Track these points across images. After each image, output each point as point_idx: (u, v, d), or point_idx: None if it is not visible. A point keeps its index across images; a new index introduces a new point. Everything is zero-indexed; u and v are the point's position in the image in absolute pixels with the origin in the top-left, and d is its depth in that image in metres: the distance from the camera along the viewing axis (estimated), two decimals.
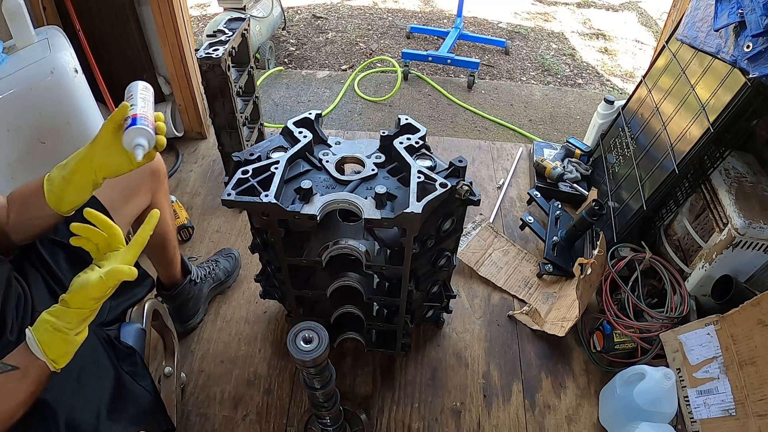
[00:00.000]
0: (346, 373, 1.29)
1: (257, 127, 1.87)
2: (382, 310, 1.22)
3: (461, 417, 1.23)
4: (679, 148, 1.32)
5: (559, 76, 3.06)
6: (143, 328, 0.96)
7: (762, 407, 1.00)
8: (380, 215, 0.87)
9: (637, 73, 3.12)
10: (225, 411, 1.21)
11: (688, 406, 1.15)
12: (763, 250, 1.21)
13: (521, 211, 1.77)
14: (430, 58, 2.82)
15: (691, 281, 1.34)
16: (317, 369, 0.79)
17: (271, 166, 0.93)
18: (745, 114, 1.17)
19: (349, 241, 0.98)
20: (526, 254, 1.62)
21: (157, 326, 1.08)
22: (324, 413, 0.97)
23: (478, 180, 1.92)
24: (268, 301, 1.43)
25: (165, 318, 1.09)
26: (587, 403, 1.26)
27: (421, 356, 1.34)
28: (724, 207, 1.23)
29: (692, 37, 1.41)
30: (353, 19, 3.57)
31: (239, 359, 1.31)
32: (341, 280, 1.07)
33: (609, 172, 1.73)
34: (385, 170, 1.00)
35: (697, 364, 1.15)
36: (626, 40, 3.55)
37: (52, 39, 1.25)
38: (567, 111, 2.64)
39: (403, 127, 1.07)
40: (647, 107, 1.61)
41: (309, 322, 0.77)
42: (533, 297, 1.50)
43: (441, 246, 1.06)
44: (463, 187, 0.93)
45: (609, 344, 1.28)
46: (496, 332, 1.41)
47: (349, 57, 3.13)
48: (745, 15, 1.11)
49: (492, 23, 3.65)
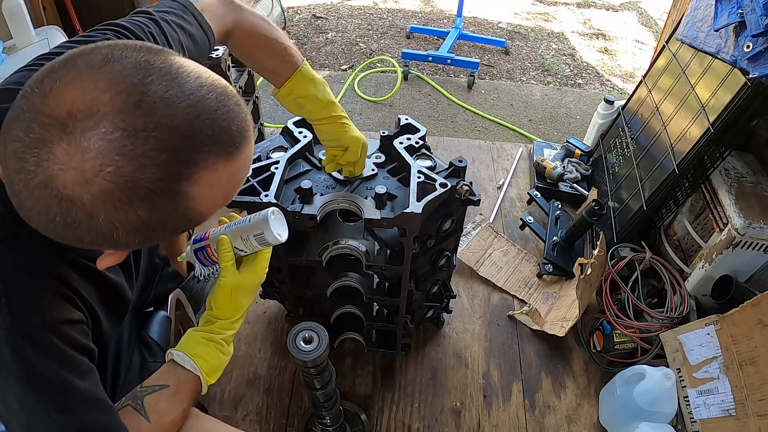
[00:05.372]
0: (346, 373, 1.29)
1: (257, 127, 1.87)
2: (382, 310, 1.22)
3: (461, 417, 1.23)
4: (679, 148, 1.32)
5: (559, 76, 3.06)
6: (169, 316, 0.97)
7: (762, 407, 1.00)
8: (380, 215, 0.87)
9: (637, 73, 3.12)
10: (225, 411, 1.21)
11: (688, 406, 1.15)
12: (763, 250, 1.21)
13: (521, 211, 1.77)
14: (430, 58, 2.82)
15: (691, 281, 1.34)
16: (317, 369, 0.79)
17: (271, 166, 0.93)
18: (745, 114, 1.17)
19: (349, 241, 0.98)
20: (526, 254, 1.62)
21: (179, 315, 1.09)
22: (324, 413, 0.97)
23: (478, 180, 1.92)
24: (268, 301, 1.43)
25: (186, 308, 1.10)
26: (587, 403, 1.26)
27: (421, 356, 1.34)
28: (724, 207, 1.23)
29: (692, 37, 1.41)
30: (353, 19, 3.57)
31: (239, 359, 1.31)
32: (341, 280, 1.07)
33: (609, 172, 1.73)
34: (385, 170, 1.00)
35: (697, 364, 1.15)
36: (626, 40, 3.55)
37: (52, 39, 1.25)
38: (567, 111, 2.63)
39: (403, 127, 1.07)
40: (647, 107, 1.61)
41: (309, 322, 0.77)
42: (533, 297, 1.50)
43: (441, 246, 1.06)
44: (463, 187, 0.93)
45: (609, 344, 1.28)
46: (496, 332, 1.41)
47: (349, 57, 3.13)
48: (745, 15, 1.11)
49: (492, 23, 3.65)
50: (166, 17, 0.69)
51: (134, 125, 0.40)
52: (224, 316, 0.69)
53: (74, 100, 0.40)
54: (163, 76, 0.42)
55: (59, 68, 0.42)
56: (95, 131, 0.40)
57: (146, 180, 0.42)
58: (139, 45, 0.45)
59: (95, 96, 0.40)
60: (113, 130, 0.40)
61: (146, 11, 0.69)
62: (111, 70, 0.41)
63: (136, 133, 0.40)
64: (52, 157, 0.40)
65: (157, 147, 0.41)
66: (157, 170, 0.42)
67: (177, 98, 0.42)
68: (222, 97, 0.46)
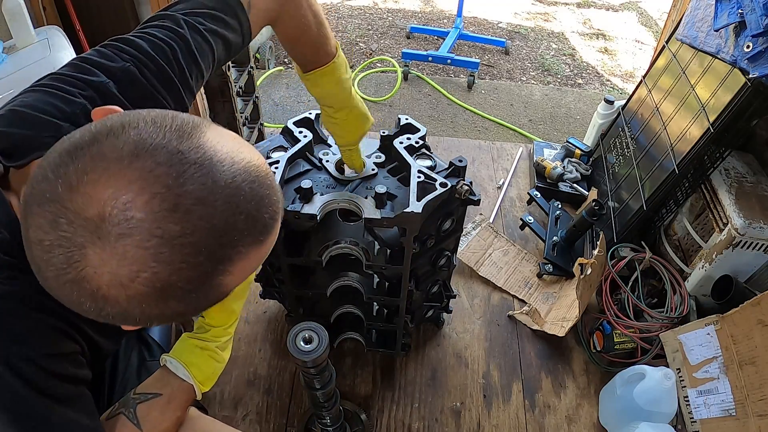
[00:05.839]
0: (346, 373, 1.29)
1: (257, 127, 1.87)
2: (382, 310, 1.22)
3: (461, 417, 1.23)
4: (679, 148, 1.32)
5: (559, 76, 3.06)
6: None
7: (762, 407, 1.00)
8: (380, 215, 0.87)
9: (637, 73, 3.12)
10: (225, 411, 1.21)
11: (688, 406, 1.15)
12: (763, 250, 1.21)
13: (521, 211, 1.77)
14: (430, 58, 2.82)
15: (691, 281, 1.34)
16: (317, 369, 0.79)
17: (271, 165, 0.93)
18: (745, 114, 1.17)
19: (349, 241, 0.98)
20: (526, 254, 1.62)
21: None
22: (324, 413, 0.97)
23: (478, 180, 1.92)
24: (268, 301, 1.43)
25: None
26: (587, 403, 1.26)
27: (421, 356, 1.34)
28: (724, 207, 1.23)
29: (692, 37, 1.41)
30: (353, 19, 3.57)
31: (239, 359, 1.31)
32: (341, 280, 1.07)
33: (609, 172, 1.73)
34: (385, 170, 1.00)
35: (697, 364, 1.15)
36: (626, 40, 3.55)
37: (52, 39, 1.25)
38: (567, 111, 2.64)
39: (403, 126, 1.07)
40: (647, 107, 1.61)
41: (309, 322, 0.77)
42: (533, 297, 1.50)
43: (441, 246, 1.06)
44: (463, 186, 0.93)
45: (609, 344, 1.28)
46: (496, 332, 1.41)
47: (349, 57, 3.13)
48: (745, 15, 1.11)
49: (492, 23, 3.65)
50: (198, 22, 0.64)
51: (170, 231, 0.39)
52: (218, 323, 0.69)
53: (106, 201, 0.38)
54: (198, 170, 0.40)
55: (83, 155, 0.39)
56: (130, 238, 0.38)
57: (182, 281, 0.41)
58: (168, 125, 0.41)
59: (129, 199, 0.38)
60: (149, 238, 0.38)
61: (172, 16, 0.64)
62: (143, 167, 0.38)
63: (173, 239, 0.39)
64: (84, 259, 0.38)
65: (193, 251, 0.40)
66: (193, 272, 0.41)
67: (212, 196, 0.40)
68: (255, 185, 0.44)
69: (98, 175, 0.38)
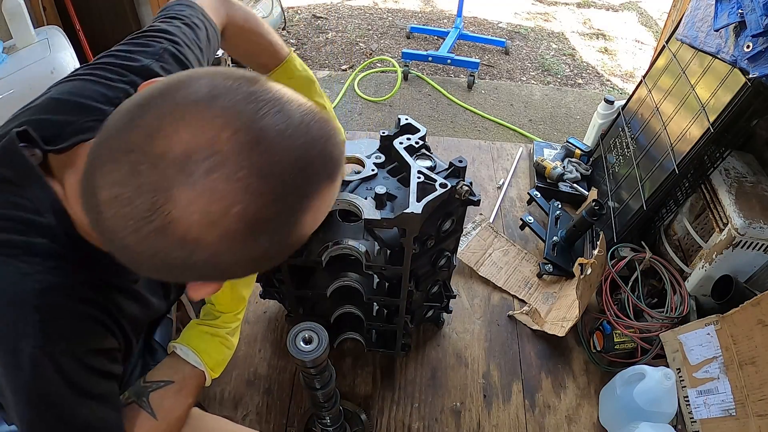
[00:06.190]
0: (346, 373, 1.29)
1: None
2: (382, 311, 1.22)
3: (461, 417, 1.23)
4: (679, 148, 1.32)
5: (559, 76, 3.06)
6: (170, 317, 0.98)
7: (762, 407, 1.00)
8: (380, 215, 0.87)
9: (637, 73, 3.12)
10: (225, 411, 1.21)
11: (688, 406, 1.15)
12: (763, 250, 1.21)
13: (521, 211, 1.77)
14: (430, 58, 2.82)
15: (691, 281, 1.34)
16: (317, 369, 0.79)
17: None
18: (745, 114, 1.17)
19: (349, 241, 0.98)
20: (526, 254, 1.62)
21: (179, 316, 1.09)
22: (324, 413, 0.97)
23: (478, 180, 1.92)
24: (268, 301, 1.43)
25: (188, 309, 1.10)
26: (587, 403, 1.26)
27: (421, 356, 1.34)
28: (724, 207, 1.23)
29: (692, 37, 1.41)
30: (353, 19, 3.57)
31: (239, 359, 1.31)
32: (341, 280, 1.07)
33: (609, 172, 1.73)
34: (385, 170, 1.00)
35: (697, 364, 1.15)
36: (626, 40, 3.55)
37: (52, 39, 1.25)
38: (567, 111, 2.64)
39: (403, 127, 1.07)
40: (647, 107, 1.61)
41: (309, 322, 0.77)
42: (533, 297, 1.50)
43: (441, 246, 1.06)
44: (463, 187, 0.93)
45: (609, 344, 1.28)
46: (496, 332, 1.41)
47: (349, 57, 3.13)
48: (745, 15, 1.11)
49: (492, 23, 3.65)
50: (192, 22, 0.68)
51: (257, 163, 0.39)
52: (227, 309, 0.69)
53: (190, 140, 0.38)
54: (273, 106, 0.41)
55: (156, 105, 0.40)
56: (219, 172, 0.38)
57: (271, 215, 0.41)
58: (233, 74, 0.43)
59: (213, 135, 0.38)
60: (238, 170, 0.38)
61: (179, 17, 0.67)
62: (223, 105, 0.39)
63: (260, 170, 0.39)
64: (171, 202, 0.38)
65: (280, 183, 0.40)
66: (281, 205, 0.41)
67: (291, 130, 0.41)
68: (322, 123, 0.45)
69: (178, 118, 0.38)
